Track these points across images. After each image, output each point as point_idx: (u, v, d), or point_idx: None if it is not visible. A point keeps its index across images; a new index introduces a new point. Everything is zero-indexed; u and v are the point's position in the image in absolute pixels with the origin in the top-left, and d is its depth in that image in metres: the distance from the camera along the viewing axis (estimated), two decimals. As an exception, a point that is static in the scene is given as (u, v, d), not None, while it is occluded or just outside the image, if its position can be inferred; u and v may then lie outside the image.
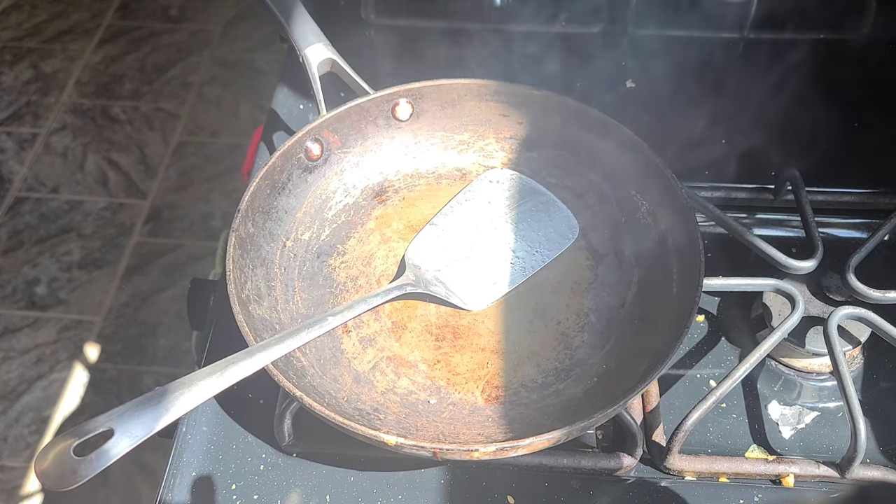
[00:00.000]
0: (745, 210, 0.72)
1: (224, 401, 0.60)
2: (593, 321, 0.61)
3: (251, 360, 0.51)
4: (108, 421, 0.46)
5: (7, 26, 2.21)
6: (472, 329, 0.61)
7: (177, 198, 1.82)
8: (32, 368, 1.55)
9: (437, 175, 0.71)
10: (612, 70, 0.84)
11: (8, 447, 1.46)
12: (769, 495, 0.55)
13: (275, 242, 0.64)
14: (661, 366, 0.51)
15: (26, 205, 1.81)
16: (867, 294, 0.60)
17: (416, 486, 0.56)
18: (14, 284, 1.68)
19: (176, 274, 1.69)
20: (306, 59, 0.67)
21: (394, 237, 0.67)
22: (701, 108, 0.77)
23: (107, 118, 1.98)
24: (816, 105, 0.79)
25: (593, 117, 0.67)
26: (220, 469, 0.57)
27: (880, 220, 0.66)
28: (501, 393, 0.58)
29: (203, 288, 0.78)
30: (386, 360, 0.60)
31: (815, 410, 0.60)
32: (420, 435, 0.54)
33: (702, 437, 0.58)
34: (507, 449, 0.49)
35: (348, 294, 0.64)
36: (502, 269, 0.65)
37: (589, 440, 0.58)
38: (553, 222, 0.67)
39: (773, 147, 0.76)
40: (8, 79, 2.08)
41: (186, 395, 0.48)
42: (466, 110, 0.70)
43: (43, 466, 0.44)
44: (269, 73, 2.06)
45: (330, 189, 0.68)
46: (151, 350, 1.58)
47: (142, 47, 2.14)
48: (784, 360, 0.62)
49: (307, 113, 0.81)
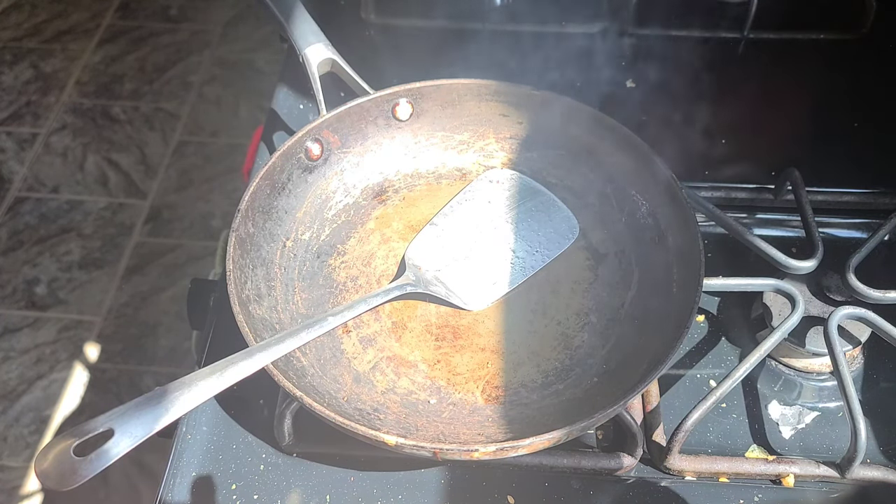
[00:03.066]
0: (745, 210, 0.72)
1: (224, 401, 0.60)
2: (593, 321, 0.61)
3: (251, 360, 0.51)
4: (108, 421, 0.46)
5: (7, 26, 2.21)
6: (472, 329, 0.61)
7: (177, 198, 1.82)
8: (32, 368, 1.55)
9: (438, 175, 0.71)
10: (612, 70, 0.84)
11: (8, 447, 1.46)
12: (769, 495, 0.55)
13: (275, 242, 0.64)
14: (661, 366, 0.51)
15: (26, 205, 1.81)
16: (867, 294, 0.60)
17: (416, 486, 0.56)
18: (14, 284, 1.68)
19: (176, 274, 1.69)
20: (306, 58, 0.67)
21: (394, 237, 0.67)
22: (701, 108, 0.77)
23: (107, 118, 1.98)
24: (816, 105, 0.80)
25: (593, 117, 0.67)
26: (220, 469, 0.57)
27: (880, 220, 0.66)
28: (501, 393, 0.58)
29: (203, 288, 0.78)
30: (386, 360, 0.60)
31: (816, 410, 0.60)
32: (420, 435, 0.54)
33: (702, 437, 0.58)
34: (507, 449, 0.49)
35: (348, 294, 0.64)
36: (502, 269, 0.65)
37: (589, 440, 0.58)
38: (553, 222, 0.67)
39: (773, 147, 0.76)
40: (8, 79, 2.08)
41: (186, 395, 0.48)
42: (466, 110, 0.70)
43: (43, 466, 0.44)
44: (269, 73, 2.06)
45: (330, 189, 0.68)
46: (151, 350, 1.57)
47: (142, 47, 2.14)
48: (784, 360, 0.62)
49: (307, 113, 0.81)
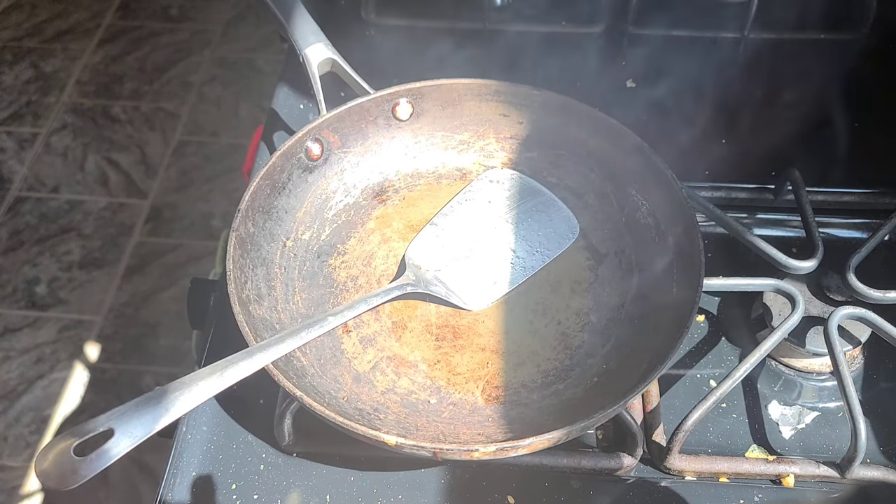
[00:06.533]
0: (745, 210, 0.72)
1: (224, 401, 0.60)
2: (593, 321, 0.61)
3: (251, 360, 0.51)
4: (108, 421, 0.46)
5: (7, 26, 2.21)
6: (472, 329, 0.61)
7: (177, 197, 1.82)
8: (32, 368, 1.55)
9: (438, 175, 0.71)
10: (612, 70, 0.84)
11: (8, 447, 1.46)
12: (769, 495, 0.55)
13: (275, 242, 0.64)
14: (661, 366, 0.51)
15: (26, 204, 1.81)
16: (867, 294, 0.60)
17: (416, 486, 0.56)
18: (14, 284, 1.68)
19: (176, 274, 1.69)
20: (306, 58, 0.67)
21: (394, 237, 0.67)
22: (701, 108, 0.77)
23: (107, 118, 1.98)
24: (816, 105, 0.79)
25: (594, 117, 0.67)
26: (220, 469, 0.57)
27: (880, 220, 0.66)
28: (501, 393, 0.58)
29: (203, 288, 0.78)
30: (386, 359, 0.60)
31: (816, 410, 0.60)
32: (420, 435, 0.54)
33: (702, 437, 0.58)
34: (507, 449, 0.49)
35: (348, 294, 0.64)
36: (502, 268, 0.65)
37: (589, 440, 0.58)
38: (553, 222, 0.67)
39: (773, 147, 0.76)
40: (8, 78, 2.08)
41: (186, 395, 0.48)
42: (467, 110, 0.70)
43: (43, 466, 0.44)
44: (269, 73, 2.06)
45: (330, 189, 0.68)
46: (151, 350, 1.57)
47: (142, 47, 2.14)
48: (784, 360, 0.62)
49: (307, 113, 0.81)
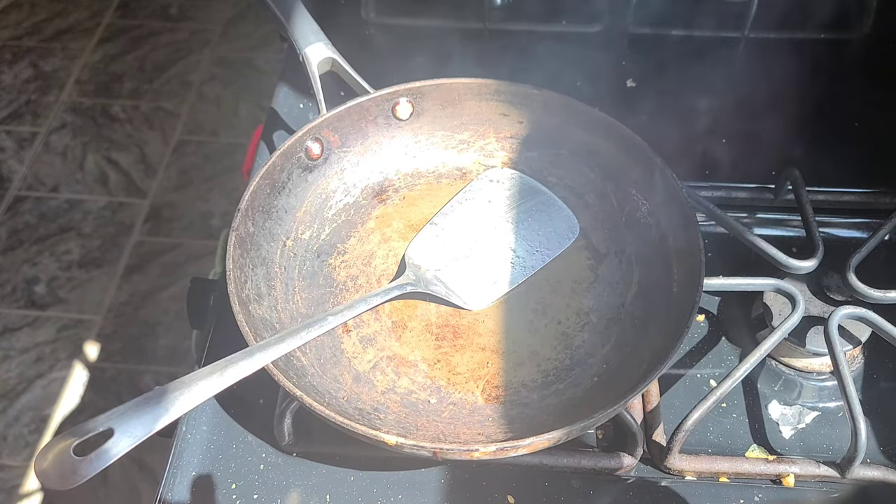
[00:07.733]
0: (745, 210, 0.72)
1: (224, 400, 0.60)
2: (594, 321, 0.61)
3: (251, 360, 0.51)
4: (108, 421, 0.46)
5: (7, 25, 2.21)
6: (472, 329, 0.61)
7: (176, 197, 1.82)
8: (32, 367, 1.55)
9: (438, 174, 0.71)
10: (612, 70, 0.84)
11: (7, 446, 1.45)
12: (769, 495, 0.55)
13: (275, 242, 0.64)
14: (661, 366, 0.51)
15: (26, 204, 1.81)
16: (867, 294, 0.60)
17: (416, 486, 0.56)
18: (14, 283, 1.68)
19: (176, 273, 1.69)
20: (306, 58, 0.67)
21: (394, 236, 0.67)
22: (701, 108, 0.77)
23: (106, 117, 1.98)
24: (816, 105, 0.79)
25: (594, 117, 0.67)
26: (220, 469, 0.57)
27: (881, 219, 0.66)
28: (501, 393, 0.58)
29: (203, 287, 0.78)
30: (386, 359, 0.59)
31: (816, 410, 0.60)
32: (420, 435, 0.54)
33: (702, 436, 0.58)
34: (508, 449, 0.49)
35: (348, 293, 0.64)
36: (502, 268, 0.65)
37: (589, 440, 0.58)
38: (553, 222, 0.67)
39: (773, 147, 0.76)
40: (7, 78, 2.08)
41: (186, 395, 0.48)
42: (467, 109, 0.70)
43: (43, 466, 0.44)
44: (269, 73, 2.06)
45: (330, 188, 0.68)
46: (151, 349, 1.57)
47: (141, 46, 2.14)
48: (784, 359, 0.62)
49: (307, 112, 0.81)
